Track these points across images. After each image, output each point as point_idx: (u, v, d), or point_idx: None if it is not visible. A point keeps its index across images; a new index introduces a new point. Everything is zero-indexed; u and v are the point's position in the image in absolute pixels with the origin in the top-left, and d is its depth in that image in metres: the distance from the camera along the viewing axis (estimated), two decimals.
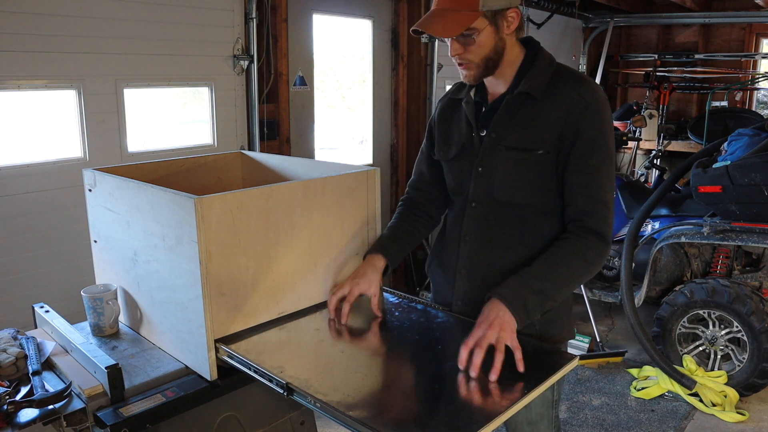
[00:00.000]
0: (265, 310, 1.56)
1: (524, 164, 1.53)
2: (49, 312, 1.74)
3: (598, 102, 1.51)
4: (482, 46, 1.50)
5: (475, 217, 1.62)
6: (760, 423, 3.09)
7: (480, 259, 1.63)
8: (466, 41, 1.49)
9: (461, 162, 1.65)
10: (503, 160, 1.55)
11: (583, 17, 6.43)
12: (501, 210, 1.59)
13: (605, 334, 4.12)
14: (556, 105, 1.51)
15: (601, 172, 1.51)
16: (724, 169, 3.17)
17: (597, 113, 1.50)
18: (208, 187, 1.95)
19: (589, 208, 1.51)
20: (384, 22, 4.37)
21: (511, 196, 1.57)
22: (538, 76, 1.53)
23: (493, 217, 1.60)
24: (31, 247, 2.71)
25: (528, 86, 1.52)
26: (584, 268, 1.50)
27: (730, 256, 3.55)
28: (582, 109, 1.49)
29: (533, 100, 1.53)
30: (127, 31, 2.89)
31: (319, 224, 1.63)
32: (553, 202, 1.57)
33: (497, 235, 1.60)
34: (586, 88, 1.51)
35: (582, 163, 1.50)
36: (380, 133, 4.53)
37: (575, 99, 1.50)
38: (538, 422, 1.72)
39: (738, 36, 6.50)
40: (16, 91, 2.62)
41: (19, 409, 1.32)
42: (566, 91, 1.51)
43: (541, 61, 1.56)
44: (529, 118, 1.53)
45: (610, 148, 1.53)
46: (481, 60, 1.52)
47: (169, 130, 3.39)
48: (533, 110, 1.53)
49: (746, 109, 6.37)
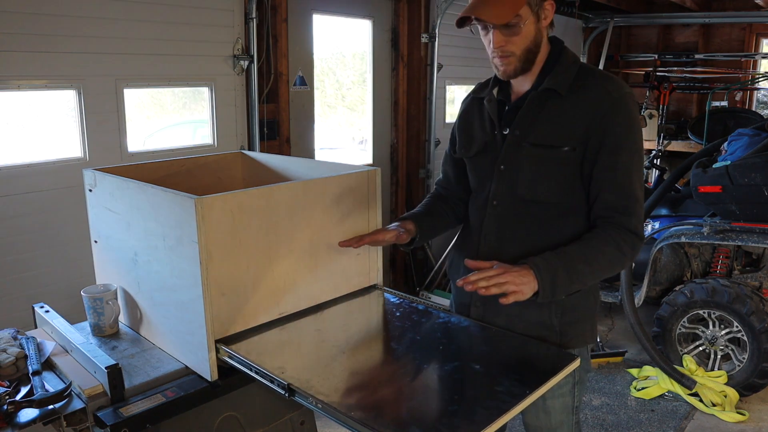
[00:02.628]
0: (265, 310, 1.56)
1: (549, 161, 1.52)
2: (49, 312, 1.74)
3: (625, 98, 1.49)
4: (525, 36, 1.48)
5: (497, 215, 1.60)
6: (760, 423, 3.09)
7: (500, 258, 1.55)
8: (510, 31, 1.47)
9: (483, 160, 1.63)
10: (527, 157, 1.53)
11: (583, 17, 6.42)
12: (523, 208, 1.57)
13: (605, 334, 4.12)
14: (582, 102, 1.49)
15: (632, 169, 1.49)
16: (724, 169, 3.17)
17: (625, 109, 1.48)
18: (208, 188, 1.95)
19: (622, 204, 1.48)
20: (384, 22, 4.37)
21: (534, 194, 1.54)
22: (563, 73, 1.52)
23: (514, 215, 1.58)
24: (31, 247, 2.71)
25: (553, 83, 1.51)
26: (618, 258, 1.47)
27: (730, 256, 3.55)
28: (609, 105, 1.47)
29: (558, 96, 1.51)
30: (127, 31, 2.89)
31: (319, 224, 1.63)
32: (577, 200, 1.55)
33: (518, 234, 1.58)
34: (613, 85, 1.50)
35: (612, 160, 1.47)
36: (380, 133, 4.53)
37: (601, 95, 1.48)
38: (557, 428, 1.68)
39: (738, 36, 6.50)
40: (16, 91, 2.62)
41: (19, 409, 1.32)
42: (591, 88, 1.49)
43: (565, 58, 1.54)
44: (554, 114, 1.51)
45: (639, 144, 1.52)
46: (522, 52, 1.49)
47: (169, 131, 3.39)
48: (558, 107, 1.51)
49: (746, 109, 6.37)
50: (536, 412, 1.67)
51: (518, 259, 1.46)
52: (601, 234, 1.48)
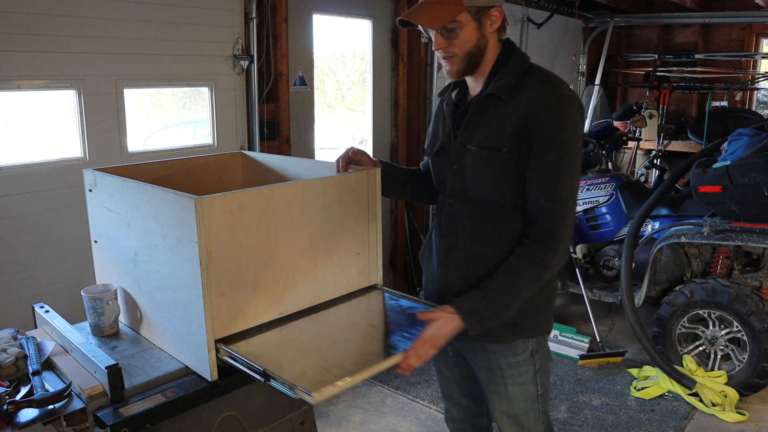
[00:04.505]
0: (265, 310, 1.56)
1: (490, 163, 1.58)
2: (49, 312, 1.74)
3: (558, 100, 1.53)
4: (465, 41, 1.56)
5: (452, 212, 1.69)
6: (760, 423, 3.09)
7: (456, 253, 1.69)
8: (450, 35, 1.55)
9: (441, 159, 1.72)
10: (472, 158, 1.61)
11: (583, 17, 6.43)
12: (473, 206, 1.65)
13: (605, 334, 4.12)
14: (519, 104, 1.54)
15: (560, 170, 1.52)
16: (724, 169, 3.17)
17: (556, 110, 1.52)
18: (208, 188, 1.95)
19: (546, 206, 1.54)
20: (384, 22, 4.37)
21: (480, 193, 1.62)
22: (505, 77, 1.58)
23: (466, 213, 1.66)
24: (31, 247, 2.71)
25: (494, 87, 1.57)
26: (540, 272, 1.54)
27: (730, 256, 3.55)
28: (541, 106, 1.52)
29: (499, 100, 1.57)
30: (127, 31, 2.89)
31: (319, 224, 1.63)
32: (521, 200, 1.60)
33: (471, 230, 1.66)
34: (547, 86, 1.55)
35: (539, 161, 1.52)
36: (380, 133, 4.53)
37: (536, 97, 1.53)
38: (521, 416, 1.76)
39: (738, 36, 6.50)
40: (16, 91, 2.61)
41: (19, 409, 1.32)
42: (529, 90, 1.55)
43: (513, 62, 1.60)
44: (495, 118, 1.58)
45: (570, 146, 1.54)
46: (464, 54, 1.57)
47: (169, 131, 3.39)
48: (499, 110, 1.57)
49: (746, 109, 6.36)
50: (499, 399, 1.75)
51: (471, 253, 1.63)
52: (521, 255, 1.55)
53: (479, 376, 1.79)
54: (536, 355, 1.72)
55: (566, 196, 1.53)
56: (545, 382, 1.78)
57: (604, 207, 4.08)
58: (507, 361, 1.70)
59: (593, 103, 6.16)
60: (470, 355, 1.79)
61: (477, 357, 1.76)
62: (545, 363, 1.76)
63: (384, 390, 3.38)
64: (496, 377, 1.73)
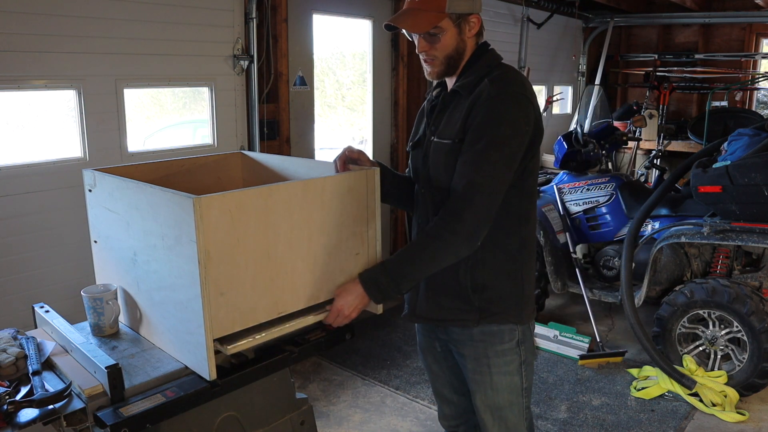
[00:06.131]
0: (264, 310, 1.56)
1: (443, 153, 1.68)
2: (49, 312, 1.74)
3: (503, 95, 1.59)
4: (446, 45, 1.66)
5: (423, 202, 1.78)
6: (760, 423, 3.09)
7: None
8: (432, 39, 1.66)
9: (417, 152, 1.82)
10: (433, 149, 1.72)
11: (583, 17, 6.43)
12: (437, 194, 1.72)
13: (605, 334, 4.12)
14: (471, 99, 1.63)
15: (482, 157, 1.57)
16: (724, 169, 3.17)
17: (497, 105, 1.58)
18: (208, 188, 1.95)
19: (457, 188, 1.60)
20: (384, 22, 4.37)
21: (440, 182, 1.70)
22: (470, 75, 1.67)
23: (431, 201, 1.74)
24: (31, 247, 2.72)
25: (458, 85, 1.68)
26: (439, 246, 1.61)
27: (730, 256, 3.55)
28: (484, 100, 1.59)
29: (460, 96, 1.67)
30: (127, 31, 2.89)
31: (319, 224, 1.63)
32: None
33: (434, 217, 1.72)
34: (496, 84, 1.61)
35: (468, 148, 1.60)
36: (380, 133, 4.53)
37: (482, 92, 1.61)
38: (504, 408, 1.79)
39: (738, 36, 6.50)
40: (16, 91, 2.62)
41: (19, 409, 1.32)
42: (482, 87, 1.62)
43: (481, 62, 1.69)
44: (455, 112, 1.68)
45: (501, 138, 1.58)
46: (444, 57, 1.67)
47: (169, 131, 3.40)
48: (458, 105, 1.68)
49: (746, 109, 6.37)
50: (484, 389, 1.78)
51: None
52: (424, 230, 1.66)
53: (465, 368, 1.81)
54: (522, 346, 1.76)
55: (480, 181, 1.57)
56: (530, 377, 1.81)
57: (604, 207, 4.08)
58: (494, 348, 1.74)
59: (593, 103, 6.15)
60: (456, 347, 1.81)
61: (463, 347, 1.78)
62: (530, 357, 1.80)
63: (384, 390, 3.38)
64: (482, 366, 1.76)
